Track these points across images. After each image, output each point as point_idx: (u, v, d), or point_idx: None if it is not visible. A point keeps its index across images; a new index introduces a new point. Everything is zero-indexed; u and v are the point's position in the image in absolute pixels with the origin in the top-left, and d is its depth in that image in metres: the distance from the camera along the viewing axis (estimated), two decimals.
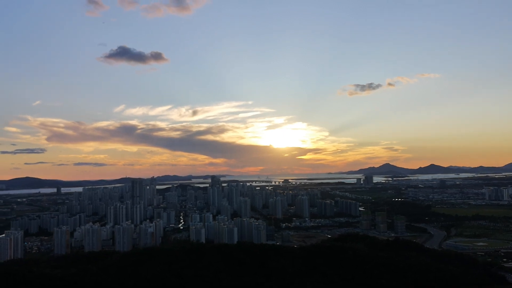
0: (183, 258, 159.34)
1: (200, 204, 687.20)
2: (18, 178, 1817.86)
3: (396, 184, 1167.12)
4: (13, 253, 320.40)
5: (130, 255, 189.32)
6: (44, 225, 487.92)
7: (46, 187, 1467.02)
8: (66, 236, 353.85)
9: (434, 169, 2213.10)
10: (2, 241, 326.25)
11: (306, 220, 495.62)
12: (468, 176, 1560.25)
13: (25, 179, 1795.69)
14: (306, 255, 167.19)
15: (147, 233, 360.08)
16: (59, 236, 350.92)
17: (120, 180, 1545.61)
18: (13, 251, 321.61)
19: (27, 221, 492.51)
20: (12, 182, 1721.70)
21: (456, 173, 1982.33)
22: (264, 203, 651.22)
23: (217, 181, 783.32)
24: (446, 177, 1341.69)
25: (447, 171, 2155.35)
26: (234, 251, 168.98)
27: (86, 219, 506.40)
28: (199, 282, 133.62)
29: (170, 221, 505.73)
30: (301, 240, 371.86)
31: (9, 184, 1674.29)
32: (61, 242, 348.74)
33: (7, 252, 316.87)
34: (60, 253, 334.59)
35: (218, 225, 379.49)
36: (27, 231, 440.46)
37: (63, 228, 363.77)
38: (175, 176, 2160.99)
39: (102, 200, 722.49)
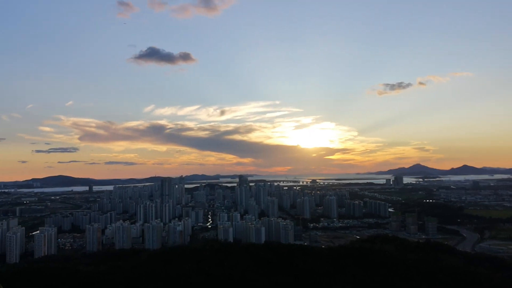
0: (211, 257, 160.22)
1: (228, 203, 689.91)
2: (52, 176, 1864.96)
3: (427, 185, 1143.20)
4: (47, 250, 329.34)
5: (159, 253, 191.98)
6: (76, 222, 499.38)
7: (78, 185, 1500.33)
8: (97, 233, 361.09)
9: (467, 170, 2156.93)
10: (37, 237, 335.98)
11: (334, 220, 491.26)
12: (502, 177, 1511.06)
13: (59, 177, 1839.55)
14: (335, 255, 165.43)
15: (176, 231, 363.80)
16: (91, 234, 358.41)
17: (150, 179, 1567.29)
18: (47, 248, 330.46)
19: (61, 218, 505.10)
20: (46, 180, 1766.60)
21: (490, 174, 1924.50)
22: (291, 203, 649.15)
23: (244, 181, 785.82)
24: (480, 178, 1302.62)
25: (481, 172, 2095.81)
26: (262, 251, 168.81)
27: (117, 217, 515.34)
28: (227, 281, 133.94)
29: (198, 220, 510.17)
30: (329, 240, 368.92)
31: (43, 182, 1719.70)
32: (92, 239, 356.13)
33: (42, 249, 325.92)
34: (92, 250, 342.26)
35: (246, 224, 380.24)
36: (60, 228, 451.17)
37: (94, 226, 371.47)
38: (203, 175, 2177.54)
39: (132, 198, 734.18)
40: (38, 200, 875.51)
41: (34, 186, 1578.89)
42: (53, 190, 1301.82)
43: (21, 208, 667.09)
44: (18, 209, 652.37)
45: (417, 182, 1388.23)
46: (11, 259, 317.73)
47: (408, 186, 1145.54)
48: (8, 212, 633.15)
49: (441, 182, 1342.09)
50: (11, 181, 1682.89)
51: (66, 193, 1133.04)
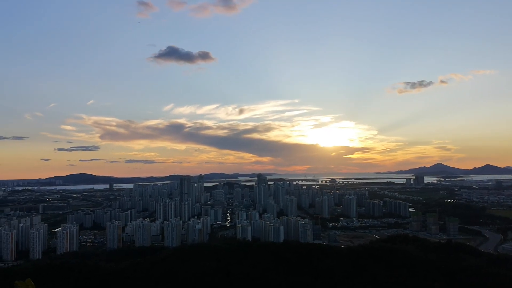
0: (230, 256, 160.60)
1: (247, 202, 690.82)
2: (73, 174, 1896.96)
3: (449, 185, 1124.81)
4: (69, 246, 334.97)
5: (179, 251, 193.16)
6: (97, 219, 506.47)
7: (99, 183, 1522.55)
8: (118, 230, 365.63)
9: (489, 170, 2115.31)
10: (59, 234, 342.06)
11: (354, 220, 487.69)
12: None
13: (80, 175, 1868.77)
14: (354, 255, 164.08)
15: (195, 229, 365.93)
16: (112, 231, 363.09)
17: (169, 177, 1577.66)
18: (69, 244, 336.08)
19: (82, 215, 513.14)
20: (68, 178, 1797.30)
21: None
22: (310, 202, 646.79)
23: (263, 180, 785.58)
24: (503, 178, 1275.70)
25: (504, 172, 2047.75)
26: (281, 250, 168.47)
27: (137, 215, 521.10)
28: (246, 280, 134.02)
29: (217, 218, 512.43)
30: (348, 240, 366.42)
31: (65, 180, 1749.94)
32: (113, 237, 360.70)
33: (64, 245, 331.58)
34: (113, 247, 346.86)
35: (265, 223, 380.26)
36: (82, 225, 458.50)
37: (115, 223, 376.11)
38: (222, 174, 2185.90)
39: (152, 196, 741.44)
40: (60, 198, 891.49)
41: (57, 184, 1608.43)
42: (75, 187, 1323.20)
43: (44, 205, 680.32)
44: (41, 206, 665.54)
45: (438, 181, 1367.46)
46: (34, 255, 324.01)
47: (429, 185, 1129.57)
48: (32, 209, 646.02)
49: (463, 182, 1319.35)
50: (34, 179, 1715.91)
51: (88, 191, 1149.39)
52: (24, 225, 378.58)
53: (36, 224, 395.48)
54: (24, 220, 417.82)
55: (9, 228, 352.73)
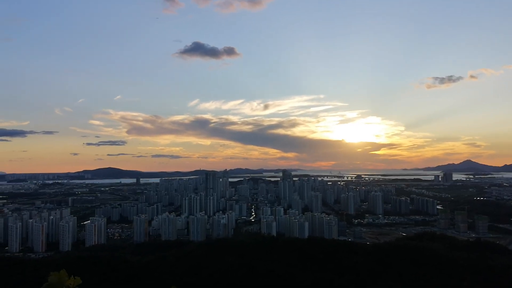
0: (255, 251, 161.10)
1: (271, 197, 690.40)
2: (101, 168, 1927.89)
3: (478, 182, 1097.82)
4: (97, 239, 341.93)
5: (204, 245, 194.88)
6: (124, 213, 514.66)
7: (126, 177, 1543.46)
8: (144, 224, 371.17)
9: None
10: (88, 227, 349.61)
11: (380, 217, 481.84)
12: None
13: (108, 169, 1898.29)
14: (380, 252, 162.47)
15: (220, 224, 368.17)
16: (138, 224, 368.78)
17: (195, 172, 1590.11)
18: (97, 237, 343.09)
19: (110, 209, 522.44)
20: (97, 172, 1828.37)
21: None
22: (335, 198, 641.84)
23: (288, 175, 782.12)
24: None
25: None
26: (306, 246, 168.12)
27: (163, 209, 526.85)
28: (271, 275, 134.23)
29: (241, 213, 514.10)
30: (374, 237, 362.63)
31: (94, 174, 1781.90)
32: (140, 230, 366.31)
33: (92, 238, 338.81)
34: (139, 240, 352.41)
35: (289, 219, 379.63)
36: (109, 218, 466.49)
37: (142, 217, 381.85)
38: (247, 169, 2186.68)
39: (177, 191, 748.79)
40: (89, 191, 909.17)
41: (85, 178, 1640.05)
42: (102, 181, 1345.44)
43: (73, 199, 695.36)
44: (70, 200, 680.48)
45: (467, 179, 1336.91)
46: (64, 247, 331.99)
47: (458, 183, 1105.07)
48: (61, 202, 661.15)
49: (493, 179, 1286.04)
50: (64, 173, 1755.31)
51: (115, 184, 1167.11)
52: (54, 218, 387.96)
53: (66, 216, 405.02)
54: (54, 212, 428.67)
55: (40, 220, 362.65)
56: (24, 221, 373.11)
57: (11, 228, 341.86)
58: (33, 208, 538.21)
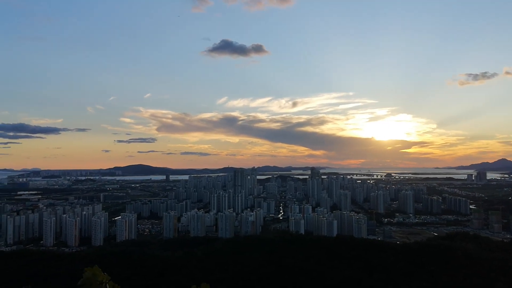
0: (283, 248, 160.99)
1: (300, 195, 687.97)
2: (132, 165, 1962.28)
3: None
4: (128, 234, 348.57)
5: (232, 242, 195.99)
6: (154, 209, 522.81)
7: (156, 174, 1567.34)
8: (173, 220, 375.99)
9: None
10: (119, 222, 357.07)
11: (410, 216, 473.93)
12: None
13: (139, 166, 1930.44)
14: (410, 252, 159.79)
15: (248, 221, 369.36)
16: (168, 221, 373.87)
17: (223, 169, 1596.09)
18: (128, 232, 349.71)
19: (140, 205, 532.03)
20: (127, 169, 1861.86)
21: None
22: (365, 197, 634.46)
23: (316, 173, 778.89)
24: None
25: None
26: (334, 244, 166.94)
27: (192, 206, 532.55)
28: (299, 273, 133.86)
29: (270, 211, 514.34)
30: (404, 236, 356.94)
31: (124, 171, 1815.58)
32: (169, 226, 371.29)
33: (123, 233, 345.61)
34: (168, 236, 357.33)
35: (317, 217, 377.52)
36: (139, 214, 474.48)
37: (171, 213, 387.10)
38: (275, 167, 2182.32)
39: (206, 188, 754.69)
40: (120, 188, 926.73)
41: (116, 174, 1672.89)
42: (133, 178, 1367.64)
43: (104, 195, 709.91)
44: (102, 196, 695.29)
45: (502, 178, 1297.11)
46: (96, 241, 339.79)
47: (492, 182, 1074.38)
48: (94, 198, 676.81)
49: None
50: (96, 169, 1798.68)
51: (145, 181, 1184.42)
52: (86, 213, 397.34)
53: (98, 212, 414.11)
54: (86, 208, 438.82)
55: (73, 215, 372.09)
56: (58, 216, 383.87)
57: (46, 222, 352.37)
58: (67, 203, 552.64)
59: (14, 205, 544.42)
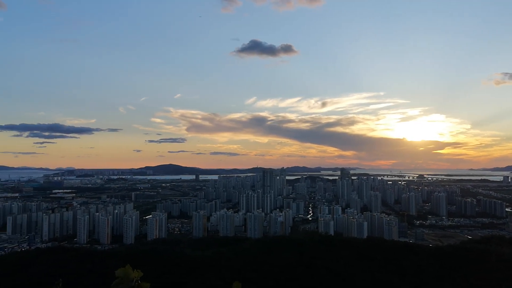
0: (312, 249, 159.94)
1: (329, 196, 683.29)
2: (162, 164, 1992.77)
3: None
4: (158, 233, 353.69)
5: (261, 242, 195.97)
6: (184, 209, 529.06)
7: (186, 174, 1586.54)
8: (203, 220, 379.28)
9: None
10: (150, 221, 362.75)
11: (443, 218, 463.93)
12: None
13: (169, 166, 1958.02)
14: (443, 255, 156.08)
15: (277, 222, 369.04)
16: (197, 220, 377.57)
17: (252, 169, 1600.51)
18: (158, 231, 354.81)
19: (170, 204, 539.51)
20: (158, 168, 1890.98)
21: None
22: (396, 198, 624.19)
23: (346, 174, 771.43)
24: None
25: None
26: (364, 246, 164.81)
27: (221, 205, 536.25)
28: (328, 274, 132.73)
29: (299, 211, 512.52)
30: (437, 239, 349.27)
31: (155, 170, 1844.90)
32: (198, 225, 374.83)
33: (154, 232, 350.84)
34: (198, 235, 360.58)
35: (347, 218, 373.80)
36: (170, 213, 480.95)
37: (200, 213, 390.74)
38: (304, 167, 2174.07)
39: (235, 188, 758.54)
40: (150, 187, 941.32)
41: (147, 174, 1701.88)
42: (163, 177, 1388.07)
43: (136, 194, 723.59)
44: (134, 195, 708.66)
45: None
46: (127, 240, 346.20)
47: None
48: (125, 197, 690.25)
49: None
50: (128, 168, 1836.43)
51: (175, 181, 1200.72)
52: (118, 212, 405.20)
53: (129, 211, 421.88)
54: (118, 207, 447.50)
55: (106, 214, 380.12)
56: (91, 214, 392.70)
57: (79, 220, 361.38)
58: (99, 202, 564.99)
59: (50, 203, 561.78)
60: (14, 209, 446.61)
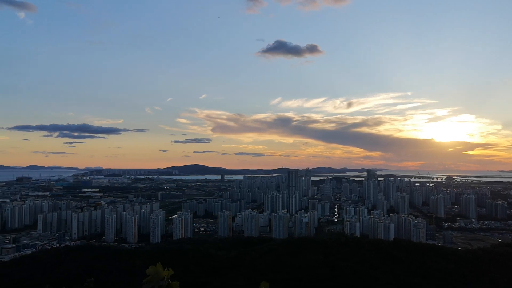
0: (338, 250, 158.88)
1: (355, 197, 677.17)
2: (188, 165, 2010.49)
3: None
4: (184, 232, 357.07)
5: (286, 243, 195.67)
6: (209, 208, 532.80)
7: (211, 174, 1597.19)
8: (228, 220, 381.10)
9: None
10: (175, 221, 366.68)
11: (473, 221, 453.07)
12: None
13: (194, 166, 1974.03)
14: (473, 259, 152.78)
15: (302, 223, 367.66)
16: (223, 220, 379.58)
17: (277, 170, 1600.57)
18: (184, 230, 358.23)
19: (196, 204, 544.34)
20: (184, 168, 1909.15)
21: None
22: (424, 200, 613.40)
23: (372, 175, 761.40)
24: None
25: None
26: (391, 248, 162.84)
27: (246, 206, 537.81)
28: (354, 275, 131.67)
29: (324, 212, 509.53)
30: (466, 242, 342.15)
31: (181, 170, 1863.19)
32: (224, 225, 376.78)
33: (179, 231, 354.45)
34: (223, 235, 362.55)
35: (374, 220, 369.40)
36: (195, 213, 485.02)
37: (226, 213, 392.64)
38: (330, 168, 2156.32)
39: (260, 188, 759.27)
40: (176, 187, 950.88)
41: (173, 174, 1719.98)
42: (189, 177, 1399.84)
43: (162, 193, 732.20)
44: (160, 194, 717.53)
45: None
46: (154, 239, 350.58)
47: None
48: (152, 196, 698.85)
49: None
50: (154, 168, 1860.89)
51: (201, 181, 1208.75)
52: (145, 211, 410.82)
53: (156, 210, 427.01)
54: (145, 206, 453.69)
55: (133, 213, 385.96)
56: (118, 213, 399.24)
57: (107, 219, 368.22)
58: (127, 201, 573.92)
59: (78, 202, 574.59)
60: (44, 208, 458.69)
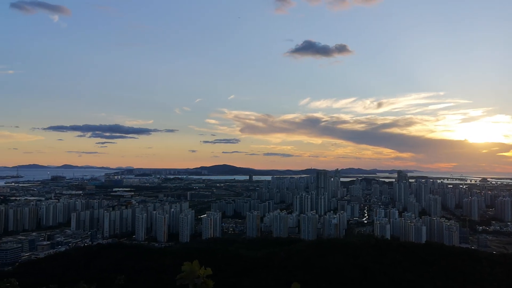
0: (368, 253, 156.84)
1: (385, 199, 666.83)
2: (217, 165, 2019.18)
3: None
4: (213, 232, 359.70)
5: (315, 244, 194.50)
6: (238, 209, 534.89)
7: (240, 174, 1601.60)
8: (257, 220, 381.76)
9: None
10: (204, 220, 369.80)
11: (508, 224, 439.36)
12: None
13: (223, 166, 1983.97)
14: (508, 263, 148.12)
15: (331, 224, 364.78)
16: (251, 220, 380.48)
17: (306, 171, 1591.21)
18: (213, 230, 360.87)
19: (224, 204, 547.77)
20: (212, 168, 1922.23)
21: None
22: (457, 202, 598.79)
23: (403, 176, 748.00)
24: None
25: None
26: (422, 251, 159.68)
27: (274, 206, 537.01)
28: (384, 278, 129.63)
29: (353, 214, 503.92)
30: (501, 246, 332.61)
31: (210, 170, 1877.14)
32: (252, 226, 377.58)
33: (208, 231, 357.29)
34: (251, 235, 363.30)
35: (405, 222, 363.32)
36: (224, 213, 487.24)
37: (254, 213, 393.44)
38: (359, 169, 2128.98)
39: (288, 189, 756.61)
40: (205, 187, 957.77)
41: (202, 174, 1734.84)
42: (218, 177, 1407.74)
43: (191, 193, 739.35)
44: (189, 194, 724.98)
45: None
46: (183, 238, 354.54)
47: None
48: (181, 196, 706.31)
49: None
50: (184, 168, 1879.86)
51: (229, 181, 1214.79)
52: (174, 210, 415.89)
53: (185, 210, 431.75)
54: (174, 205, 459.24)
55: (163, 212, 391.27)
56: (148, 212, 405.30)
57: (138, 218, 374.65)
58: (157, 200, 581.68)
59: (110, 201, 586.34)
60: (78, 206, 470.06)
